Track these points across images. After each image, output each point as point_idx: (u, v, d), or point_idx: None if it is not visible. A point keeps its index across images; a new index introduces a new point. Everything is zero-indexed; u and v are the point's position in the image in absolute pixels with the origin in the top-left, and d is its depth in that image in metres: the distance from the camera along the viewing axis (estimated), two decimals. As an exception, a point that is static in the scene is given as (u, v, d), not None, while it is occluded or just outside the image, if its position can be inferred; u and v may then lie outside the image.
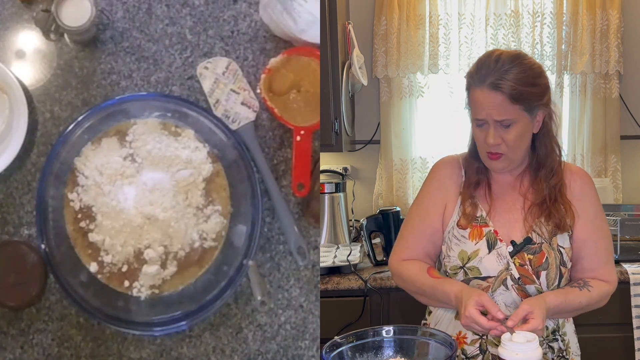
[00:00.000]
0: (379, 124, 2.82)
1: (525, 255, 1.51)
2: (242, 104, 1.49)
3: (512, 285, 1.51)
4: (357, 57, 2.54)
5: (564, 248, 1.53)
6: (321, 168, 2.71)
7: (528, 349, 1.25)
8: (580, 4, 2.68)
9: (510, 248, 1.51)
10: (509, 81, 1.40)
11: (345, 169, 2.80)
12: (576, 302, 1.50)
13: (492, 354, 1.52)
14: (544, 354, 1.52)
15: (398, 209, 2.47)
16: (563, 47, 2.72)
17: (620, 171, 2.77)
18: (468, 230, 1.53)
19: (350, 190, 2.75)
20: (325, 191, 2.61)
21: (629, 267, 2.24)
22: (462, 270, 1.53)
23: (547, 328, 1.54)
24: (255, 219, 1.42)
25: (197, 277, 1.43)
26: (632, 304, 2.21)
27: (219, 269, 1.43)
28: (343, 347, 1.30)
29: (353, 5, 2.79)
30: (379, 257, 2.40)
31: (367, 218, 2.44)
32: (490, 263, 1.51)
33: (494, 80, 1.41)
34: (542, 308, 1.39)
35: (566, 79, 2.76)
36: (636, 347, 2.21)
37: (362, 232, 2.43)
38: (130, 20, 1.51)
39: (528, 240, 1.51)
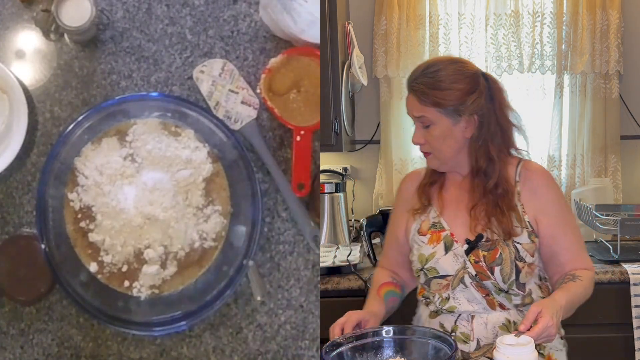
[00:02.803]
0: (379, 124, 2.81)
1: (480, 252, 1.54)
2: (242, 102, 1.49)
3: (470, 282, 1.55)
4: (357, 57, 2.54)
5: (520, 244, 1.55)
6: (321, 168, 2.70)
7: (520, 352, 1.23)
8: (580, 4, 2.68)
9: (466, 246, 1.55)
10: (418, 84, 1.55)
11: (345, 169, 2.80)
12: (578, 293, 1.52)
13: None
14: None
15: (398, 209, 2.46)
16: (563, 47, 2.71)
17: (620, 171, 2.76)
18: (428, 236, 1.60)
19: (350, 190, 2.74)
20: (325, 191, 2.60)
21: (629, 267, 2.23)
22: (422, 271, 1.59)
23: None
24: (255, 219, 1.43)
25: (197, 277, 1.43)
26: (632, 304, 2.20)
27: (219, 269, 1.43)
28: (343, 347, 1.30)
29: (353, 5, 2.78)
30: (379, 257, 2.39)
31: (367, 218, 2.44)
32: (447, 262, 1.56)
33: (410, 84, 1.58)
34: (550, 307, 1.38)
35: (566, 79, 2.75)
36: (636, 347, 2.20)
37: (362, 232, 2.42)
38: (130, 20, 1.51)
39: (480, 237, 1.54)
